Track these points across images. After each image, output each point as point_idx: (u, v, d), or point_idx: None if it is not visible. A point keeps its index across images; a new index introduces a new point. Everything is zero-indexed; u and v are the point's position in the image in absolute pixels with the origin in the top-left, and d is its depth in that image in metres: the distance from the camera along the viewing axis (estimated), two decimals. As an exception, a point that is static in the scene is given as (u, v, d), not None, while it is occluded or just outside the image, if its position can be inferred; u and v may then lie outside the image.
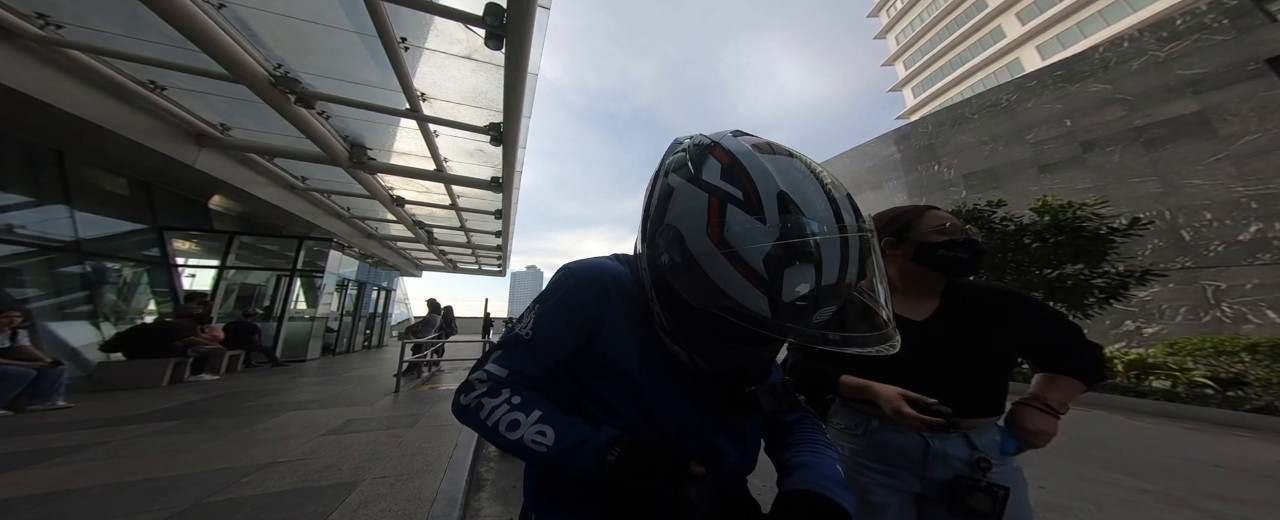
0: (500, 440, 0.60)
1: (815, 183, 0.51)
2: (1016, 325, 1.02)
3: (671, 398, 0.66)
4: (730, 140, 0.57)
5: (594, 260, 0.73)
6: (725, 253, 0.49)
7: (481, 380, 0.64)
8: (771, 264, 0.47)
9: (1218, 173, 8.73)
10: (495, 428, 0.60)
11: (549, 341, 0.66)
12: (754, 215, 0.49)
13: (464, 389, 0.65)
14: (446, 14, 3.26)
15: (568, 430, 0.59)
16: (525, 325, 0.67)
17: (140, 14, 3.13)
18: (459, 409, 0.65)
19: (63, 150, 5.27)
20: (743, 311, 0.49)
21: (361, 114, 4.83)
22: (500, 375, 0.64)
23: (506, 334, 0.69)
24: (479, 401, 0.63)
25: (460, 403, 0.64)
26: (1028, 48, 30.38)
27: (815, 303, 0.49)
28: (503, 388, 0.63)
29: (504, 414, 0.61)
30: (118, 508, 2.10)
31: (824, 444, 0.71)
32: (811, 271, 0.47)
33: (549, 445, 0.58)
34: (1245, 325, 7.96)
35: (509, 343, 0.67)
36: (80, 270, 5.72)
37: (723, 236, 0.49)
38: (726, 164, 0.54)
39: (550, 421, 0.60)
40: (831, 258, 0.48)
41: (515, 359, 0.65)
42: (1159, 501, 2.62)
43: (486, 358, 0.67)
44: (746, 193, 0.50)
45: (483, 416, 0.61)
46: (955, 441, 0.96)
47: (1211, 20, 9.17)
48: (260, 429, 3.55)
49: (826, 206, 0.49)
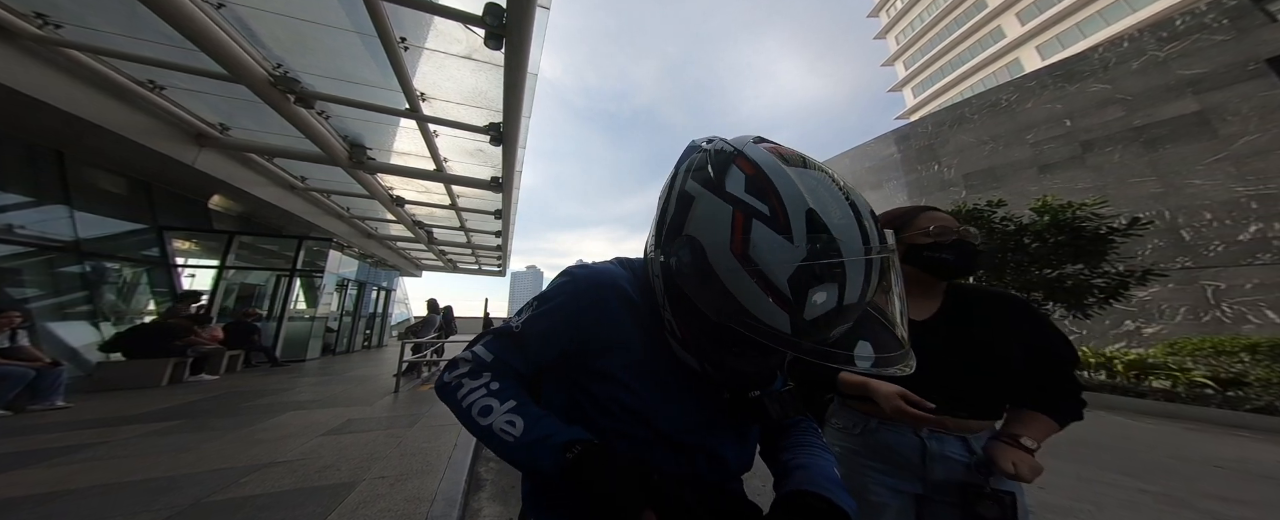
0: (471, 424, 0.59)
1: (842, 200, 0.50)
2: (1019, 333, 1.01)
3: (673, 401, 0.66)
4: (753, 149, 0.55)
5: (597, 266, 0.73)
6: (749, 269, 0.48)
7: (467, 360, 0.65)
8: (796, 284, 0.46)
9: (1217, 173, 8.73)
10: (469, 410, 0.60)
11: (535, 343, 0.66)
12: (782, 234, 0.47)
13: (450, 365, 0.66)
14: (446, 14, 3.26)
15: (537, 424, 0.58)
16: (519, 319, 0.68)
17: (139, 14, 3.12)
18: (441, 385, 0.65)
19: (62, 150, 5.27)
20: (762, 328, 0.49)
21: (361, 114, 4.83)
22: (485, 359, 0.64)
23: (501, 325, 0.70)
24: (459, 381, 0.63)
25: (443, 379, 0.65)
26: (1027, 48, 30.39)
27: (834, 320, 0.49)
28: (484, 371, 0.64)
29: (479, 397, 0.60)
30: (117, 508, 2.10)
31: (820, 446, 0.71)
32: (835, 291, 0.47)
33: (516, 436, 0.57)
34: (1245, 325, 7.96)
35: (501, 332, 0.68)
36: (80, 270, 5.72)
37: (747, 252, 0.48)
38: (751, 175, 0.52)
39: (522, 413, 0.59)
40: (856, 279, 0.47)
41: (503, 348, 0.66)
42: (1159, 502, 2.62)
43: (478, 339, 0.68)
44: (773, 208, 0.49)
45: (459, 396, 0.61)
46: (952, 443, 0.96)
47: (1211, 20, 9.17)
48: (260, 429, 3.54)
49: (854, 226, 0.48)
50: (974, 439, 0.96)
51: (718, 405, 0.66)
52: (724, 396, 0.65)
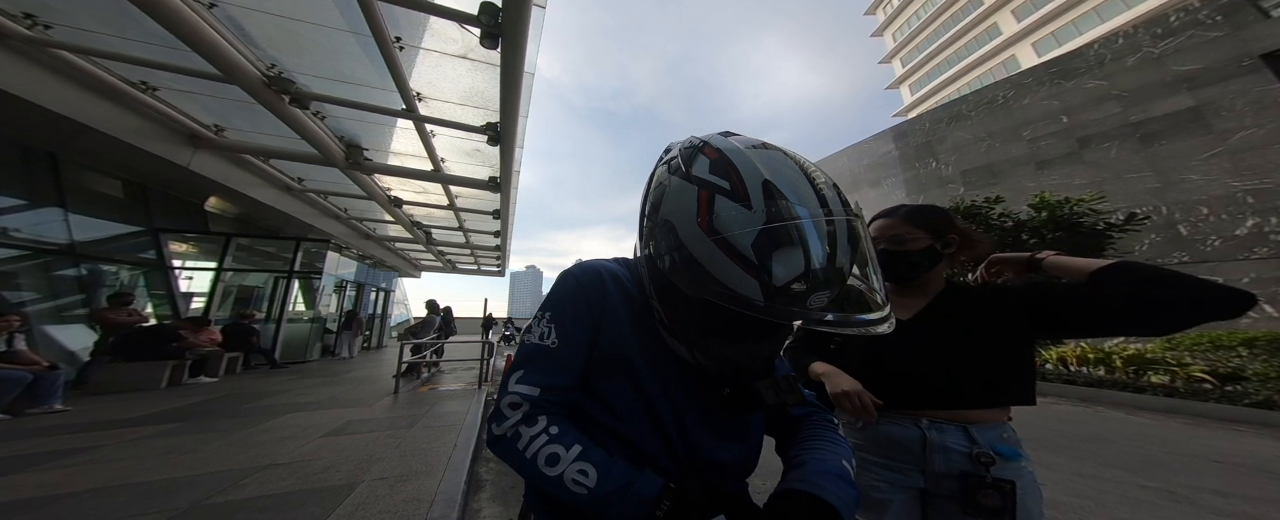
0: (537, 476, 0.56)
1: (799, 171, 0.53)
2: (1018, 303, 0.99)
3: (673, 396, 0.65)
4: (719, 139, 0.60)
5: (592, 262, 0.75)
6: (715, 239, 0.51)
7: (514, 405, 0.61)
8: (759, 248, 0.48)
9: (1214, 168, 8.75)
10: (534, 461, 0.57)
11: (571, 344, 0.65)
12: (740, 203, 0.51)
13: (496, 418, 0.62)
14: (441, 13, 3.24)
15: (609, 471, 0.56)
16: (544, 335, 0.65)
17: (130, 13, 3.10)
18: (493, 440, 0.61)
19: (56, 152, 5.23)
20: (735, 296, 0.50)
21: (357, 114, 4.81)
22: (533, 396, 0.61)
23: (525, 348, 0.66)
24: (516, 431, 0.59)
25: (494, 433, 0.61)
26: (1024, 45, 30.45)
27: (808, 287, 0.49)
28: (539, 414, 0.60)
29: (542, 445, 0.57)
30: (115, 511, 2.09)
31: (829, 438, 0.70)
32: (800, 254, 0.48)
33: (590, 487, 0.54)
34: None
35: (532, 355, 0.65)
36: (75, 273, 5.68)
37: (712, 224, 0.51)
38: (714, 159, 0.56)
39: (590, 459, 0.56)
40: (818, 241, 0.49)
41: (543, 372, 0.63)
42: (1159, 498, 2.63)
43: (509, 378, 0.64)
44: (732, 182, 0.52)
45: (521, 447, 0.58)
46: (953, 434, 0.95)
47: (1205, 16, 9.18)
48: (259, 431, 3.53)
49: (811, 192, 0.51)
50: (976, 430, 0.95)
51: (717, 399, 0.65)
52: (723, 393, 0.63)
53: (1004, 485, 0.87)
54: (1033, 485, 0.92)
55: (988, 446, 0.93)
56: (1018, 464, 0.92)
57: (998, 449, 0.92)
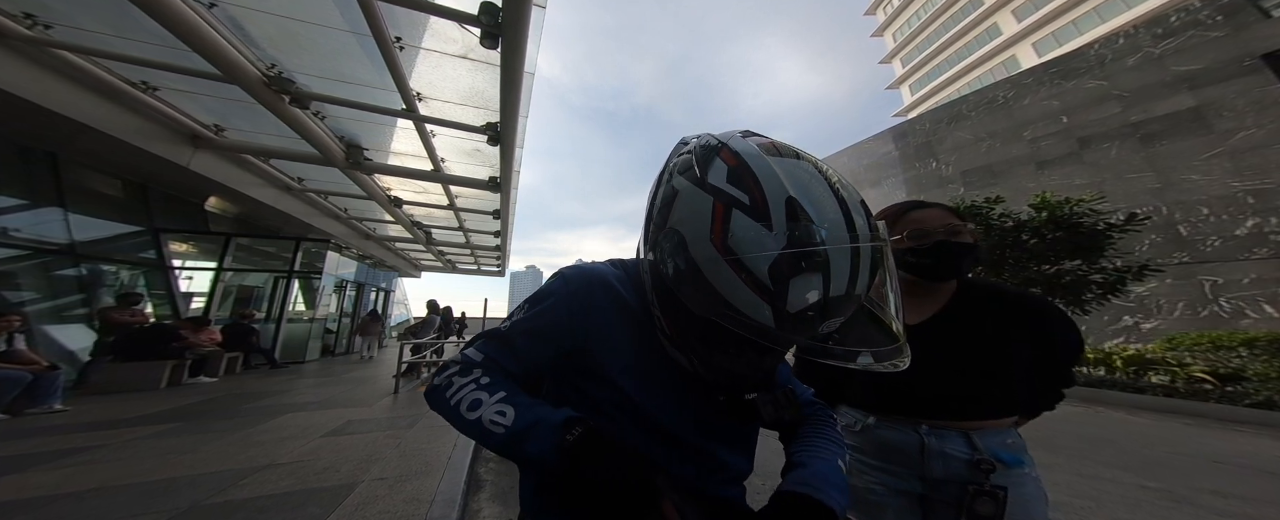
0: (461, 421, 0.56)
1: (826, 187, 0.49)
2: (1028, 333, 0.98)
3: (666, 402, 0.65)
4: (738, 141, 0.54)
5: (588, 266, 0.72)
6: (729, 260, 0.47)
7: (456, 362, 0.63)
8: (777, 273, 0.45)
9: (1214, 168, 8.74)
10: (457, 407, 0.57)
11: (524, 342, 0.65)
12: (760, 221, 0.46)
13: (439, 369, 0.64)
14: (441, 13, 3.24)
15: (529, 410, 0.55)
16: (509, 321, 0.67)
17: (130, 14, 3.09)
18: (429, 390, 0.62)
19: (56, 152, 5.23)
20: (745, 321, 0.47)
21: (357, 114, 4.81)
22: (476, 359, 0.62)
23: (493, 328, 0.68)
24: (448, 380, 0.60)
25: (433, 384, 0.62)
26: (1024, 45, 30.43)
27: (821, 313, 0.47)
28: (474, 368, 0.61)
29: (469, 392, 0.57)
30: (115, 510, 2.09)
31: (827, 438, 0.69)
32: (819, 281, 0.45)
33: (507, 425, 0.54)
34: (1243, 320, 7.98)
35: (490, 334, 0.66)
36: (75, 273, 5.68)
37: (727, 242, 0.47)
38: (733, 166, 0.51)
39: (512, 402, 0.56)
40: (841, 268, 0.45)
41: (493, 349, 0.64)
42: (1159, 498, 2.62)
43: (469, 344, 0.66)
44: (753, 197, 0.48)
45: (448, 394, 0.58)
46: (954, 440, 0.93)
47: (1205, 16, 9.18)
48: (258, 431, 3.53)
49: (837, 213, 0.47)
50: (978, 435, 0.93)
51: (714, 407, 0.65)
52: (720, 399, 0.63)
53: (999, 493, 0.86)
54: (1037, 492, 0.91)
55: (989, 453, 0.91)
56: (1020, 470, 0.90)
57: (1000, 455, 0.90)
